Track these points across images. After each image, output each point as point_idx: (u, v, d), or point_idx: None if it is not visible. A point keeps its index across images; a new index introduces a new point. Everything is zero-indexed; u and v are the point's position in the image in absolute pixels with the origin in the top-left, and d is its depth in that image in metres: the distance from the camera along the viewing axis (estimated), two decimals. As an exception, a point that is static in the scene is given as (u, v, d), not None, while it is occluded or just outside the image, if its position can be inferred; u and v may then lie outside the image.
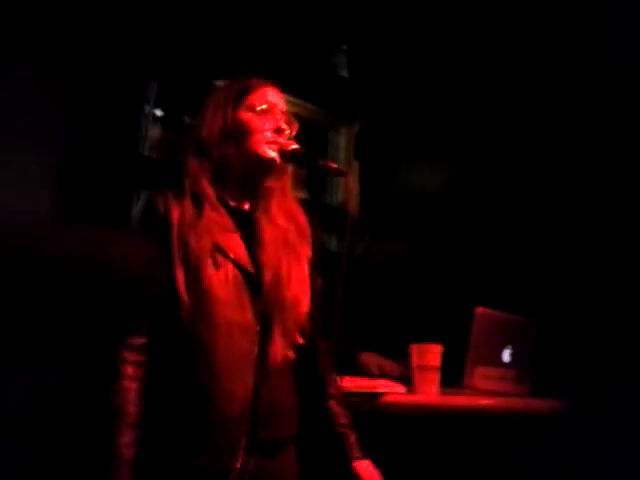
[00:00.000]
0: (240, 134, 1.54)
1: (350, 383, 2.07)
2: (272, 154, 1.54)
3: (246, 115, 1.56)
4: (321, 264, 1.59)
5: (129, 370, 1.39)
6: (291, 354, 1.50)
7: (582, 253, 2.54)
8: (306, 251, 1.58)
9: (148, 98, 3.82)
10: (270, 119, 1.56)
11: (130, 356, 1.40)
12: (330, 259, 1.65)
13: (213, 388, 1.38)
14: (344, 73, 4.63)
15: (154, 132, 3.43)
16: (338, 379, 2.01)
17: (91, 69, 2.83)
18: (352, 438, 1.57)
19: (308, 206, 1.64)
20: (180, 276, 1.41)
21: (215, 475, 1.38)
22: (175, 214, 1.45)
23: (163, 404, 1.41)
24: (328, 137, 4.63)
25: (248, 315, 1.45)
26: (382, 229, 2.83)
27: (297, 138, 1.61)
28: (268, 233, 1.54)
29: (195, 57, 3.47)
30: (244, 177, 1.56)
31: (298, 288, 1.52)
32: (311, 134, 4.64)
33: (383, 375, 2.24)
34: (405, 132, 4.01)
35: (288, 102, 1.65)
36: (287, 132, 1.59)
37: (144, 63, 3.09)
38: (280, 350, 1.48)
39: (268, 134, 1.54)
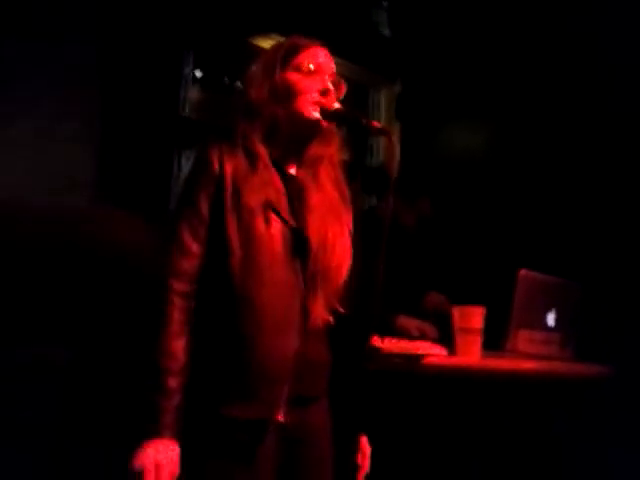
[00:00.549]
0: (287, 95, 1.53)
1: (391, 344, 2.08)
2: (316, 115, 1.53)
3: (293, 76, 1.55)
4: (362, 230, 1.59)
5: (178, 315, 1.39)
6: (331, 318, 1.50)
7: (626, 216, 2.47)
8: (348, 221, 1.58)
9: (187, 60, 3.82)
10: (317, 80, 1.55)
11: (179, 301, 1.40)
12: (371, 221, 1.64)
13: (259, 341, 1.40)
14: (385, 31, 4.54)
15: (193, 93, 3.42)
16: (379, 341, 2.03)
17: (130, 31, 2.83)
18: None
19: (350, 167, 1.63)
20: (232, 229, 1.42)
21: (253, 427, 1.40)
22: (229, 167, 1.46)
23: (207, 353, 1.42)
24: (369, 97, 4.57)
25: (295, 274, 1.46)
26: (411, 191, 2.79)
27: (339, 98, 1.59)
28: (315, 199, 1.54)
29: (232, 16, 3.44)
30: (292, 139, 1.56)
31: (341, 256, 1.52)
32: (351, 93, 4.58)
33: (423, 337, 2.23)
34: (446, 92, 3.93)
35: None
36: (334, 94, 1.57)
37: (182, 25, 3.07)
38: (321, 313, 1.49)
39: (314, 95, 1.53)
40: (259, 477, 1.41)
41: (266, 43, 3.89)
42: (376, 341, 2.06)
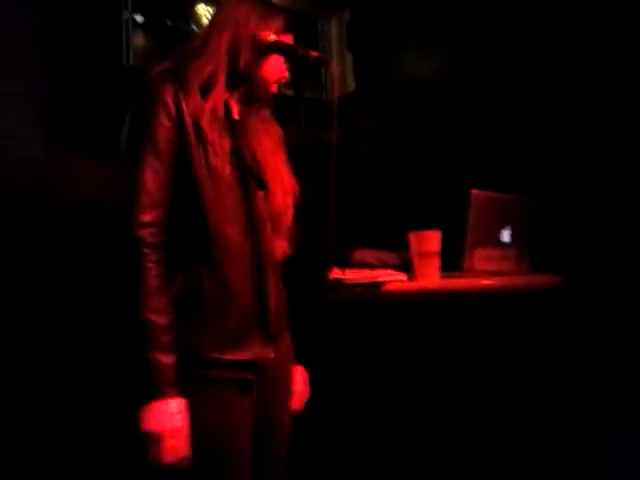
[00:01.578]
0: (259, 55, 1.55)
1: (352, 274, 2.11)
2: (273, 86, 1.59)
3: (267, 37, 1.55)
4: (307, 164, 1.60)
5: (154, 269, 1.37)
6: (284, 254, 1.55)
7: (574, 125, 2.49)
8: (285, 159, 1.61)
9: (126, 3, 3.69)
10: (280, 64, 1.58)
11: (153, 254, 1.37)
12: (321, 152, 1.64)
13: (239, 281, 1.43)
14: (328, -43, 4.41)
15: (136, 40, 3.32)
16: (339, 272, 2.06)
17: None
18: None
19: (293, 101, 1.63)
20: (201, 170, 1.41)
21: (245, 368, 1.45)
22: (186, 107, 1.44)
23: (193, 302, 1.42)
24: (318, 28, 4.47)
25: (253, 214, 1.49)
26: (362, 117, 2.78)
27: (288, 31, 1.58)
28: (263, 141, 1.58)
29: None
30: (251, 93, 1.59)
31: (288, 193, 1.57)
32: (300, 26, 4.48)
33: (382, 266, 2.25)
34: (398, 17, 3.86)
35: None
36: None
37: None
38: (279, 250, 1.53)
39: (284, 65, 1.58)
40: (249, 412, 1.46)
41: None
42: (336, 273, 2.09)
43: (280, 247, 1.54)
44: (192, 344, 1.40)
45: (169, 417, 1.31)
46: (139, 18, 3.51)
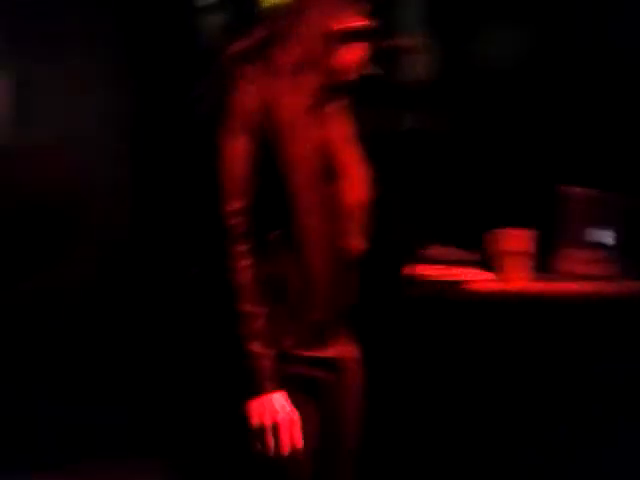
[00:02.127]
0: (335, 46, 1.43)
1: (434, 271, 2.04)
2: (353, 76, 1.48)
3: (345, 26, 1.45)
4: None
5: (246, 262, 1.32)
6: (362, 248, 1.48)
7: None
8: (363, 150, 1.54)
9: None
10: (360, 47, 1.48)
11: (245, 260, 1.32)
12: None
13: (326, 277, 1.37)
14: None
15: (211, 21, 3.31)
16: (419, 269, 2.00)
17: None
18: None
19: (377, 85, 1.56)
20: (286, 152, 1.34)
21: (328, 367, 1.40)
22: (272, 89, 1.36)
23: (272, 294, 1.36)
24: (394, 9, 4.36)
25: (331, 204, 1.42)
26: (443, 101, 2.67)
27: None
28: (340, 131, 1.50)
29: None
30: (329, 81, 1.48)
31: (364, 188, 1.49)
32: (375, 4, 4.36)
33: (460, 262, 2.16)
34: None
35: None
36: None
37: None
38: (356, 248, 1.46)
39: (363, 55, 1.48)
40: (320, 410, 1.41)
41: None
42: (420, 268, 2.02)
43: (355, 242, 1.48)
44: (275, 338, 1.34)
45: (279, 409, 1.28)
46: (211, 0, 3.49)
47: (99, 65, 2.77)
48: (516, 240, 1.91)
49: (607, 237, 2.00)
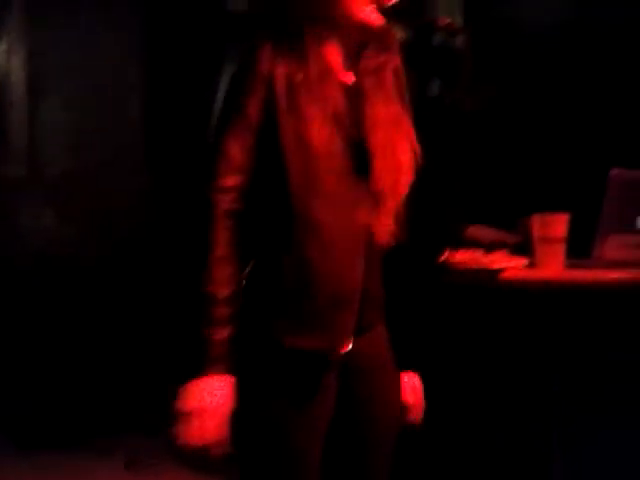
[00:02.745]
0: None
1: (465, 257, 1.93)
2: (370, 16, 1.33)
3: None
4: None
5: (224, 236, 1.27)
6: (393, 240, 1.37)
7: None
8: (413, 135, 1.40)
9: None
10: None
11: (224, 222, 1.27)
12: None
13: (325, 266, 1.29)
14: None
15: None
16: (450, 255, 1.89)
17: None
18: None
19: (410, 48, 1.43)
20: (289, 139, 1.27)
21: (315, 358, 1.31)
22: (282, 69, 1.28)
23: (268, 279, 1.32)
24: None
25: (359, 194, 1.32)
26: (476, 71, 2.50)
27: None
28: (380, 112, 1.37)
29: None
30: (349, 45, 1.37)
31: (406, 175, 1.37)
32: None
33: (498, 245, 2.06)
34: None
35: None
36: None
37: None
38: (386, 235, 1.35)
39: None
40: (320, 410, 1.33)
41: None
42: (450, 255, 1.92)
43: (385, 230, 1.37)
44: (265, 326, 1.30)
45: (206, 395, 1.22)
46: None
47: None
48: (548, 226, 1.79)
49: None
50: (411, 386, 1.47)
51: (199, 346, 1.24)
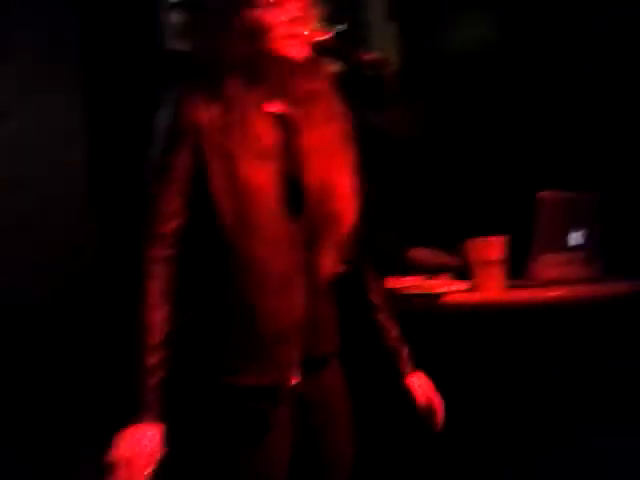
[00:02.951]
0: (254, 35, 1.37)
1: (406, 282, 1.97)
2: (295, 51, 1.37)
3: (256, 13, 1.37)
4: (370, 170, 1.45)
5: (156, 285, 1.28)
6: (339, 268, 1.41)
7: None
8: (353, 159, 1.42)
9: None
10: (283, 11, 1.37)
11: (157, 269, 1.29)
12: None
13: (262, 302, 1.30)
14: None
15: (174, 19, 3.18)
16: (391, 282, 1.93)
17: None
18: (404, 352, 1.52)
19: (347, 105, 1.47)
20: (218, 181, 1.30)
21: (263, 394, 1.32)
22: (205, 117, 1.32)
23: (207, 320, 1.34)
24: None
25: (295, 226, 1.35)
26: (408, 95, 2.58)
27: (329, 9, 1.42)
28: (311, 139, 1.39)
29: None
30: (273, 79, 1.40)
31: (346, 200, 1.39)
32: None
33: (441, 269, 2.11)
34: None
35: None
36: (308, 19, 1.40)
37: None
38: (329, 263, 1.38)
39: (283, 28, 1.36)
40: (274, 447, 1.34)
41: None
42: (392, 281, 1.96)
43: (328, 261, 1.39)
44: (210, 367, 1.32)
45: (135, 444, 1.22)
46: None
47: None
48: (483, 249, 1.84)
49: (584, 238, 1.93)
50: (419, 386, 1.50)
51: (129, 392, 1.24)
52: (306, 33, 1.37)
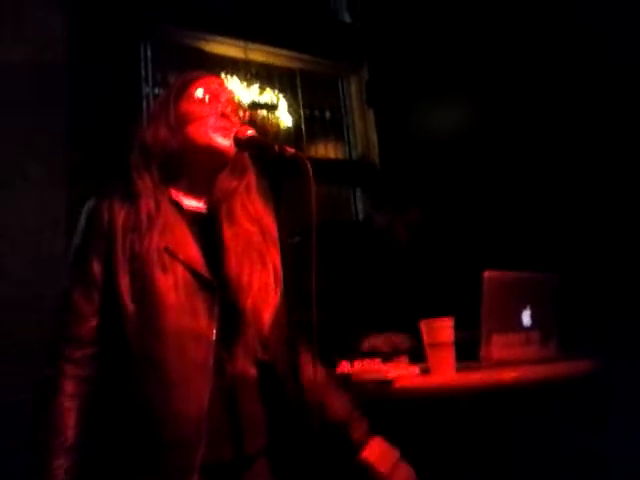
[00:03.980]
0: (183, 125, 1.46)
1: (360, 368, 1.96)
2: (221, 142, 1.44)
3: (187, 105, 1.48)
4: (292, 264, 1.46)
5: (69, 387, 1.30)
6: (253, 370, 1.38)
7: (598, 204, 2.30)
8: (273, 256, 1.45)
9: (146, 78, 3.72)
10: (213, 106, 1.48)
11: (70, 370, 1.31)
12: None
13: (164, 405, 1.28)
14: (345, 17, 4.40)
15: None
16: (347, 366, 1.92)
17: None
18: (356, 423, 1.53)
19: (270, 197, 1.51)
20: (124, 283, 1.32)
21: None
22: (120, 219, 1.37)
23: (107, 423, 1.33)
24: (339, 87, 4.45)
25: (202, 322, 1.34)
26: (402, 200, 2.64)
27: (307, 92, 1.48)
28: (229, 237, 1.44)
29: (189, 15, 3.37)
30: (196, 173, 1.47)
31: (261, 297, 1.41)
32: (320, 86, 4.46)
33: (396, 352, 2.10)
34: (416, 71, 3.78)
35: (291, 58, 1.52)
36: (235, 118, 1.50)
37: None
38: (240, 364, 1.37)
39: (212, 120, 1.45)
40: None
41: (220, 48, 3.79)
42: (345, 367, 1.95)
43: (241, 360, 1.37)
44: (111, 469, 1.30)
45: None
46: (161, 92, 3.53)
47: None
48: (434, 331, 1.83)
49: (536, 318, 1.93)
50: (378, 454, 1.50)
51: None
52: (231, 127, 1.45)
